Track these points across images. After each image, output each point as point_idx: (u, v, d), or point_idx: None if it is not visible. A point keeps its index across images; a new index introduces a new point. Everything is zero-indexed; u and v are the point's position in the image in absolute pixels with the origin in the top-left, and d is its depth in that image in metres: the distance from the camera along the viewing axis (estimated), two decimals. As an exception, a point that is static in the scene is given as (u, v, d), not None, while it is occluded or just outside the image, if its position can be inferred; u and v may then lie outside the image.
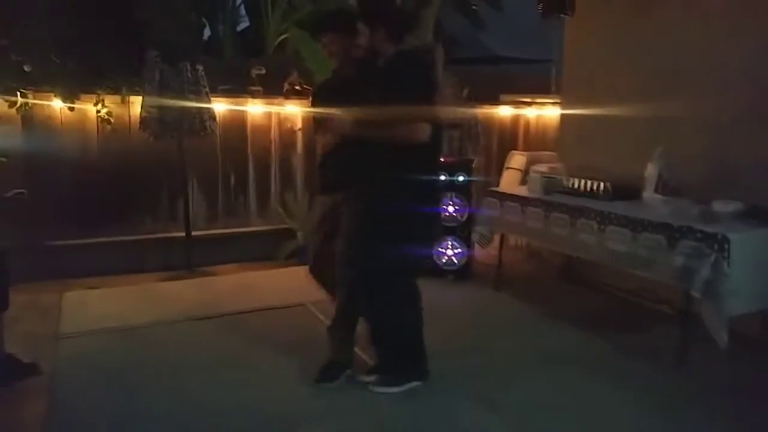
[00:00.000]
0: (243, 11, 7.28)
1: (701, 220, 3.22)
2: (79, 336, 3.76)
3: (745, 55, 3.78)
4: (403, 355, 3.12)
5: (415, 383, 3.08)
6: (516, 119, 7.12)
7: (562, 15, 4.41)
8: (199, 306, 4.34)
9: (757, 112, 3.71)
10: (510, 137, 7.09)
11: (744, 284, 2.97)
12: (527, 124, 7.17)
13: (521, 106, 7.03)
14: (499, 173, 6.46)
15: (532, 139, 7.12)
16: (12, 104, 4.57)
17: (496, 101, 6.92)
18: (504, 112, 7.00)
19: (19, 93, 4.56)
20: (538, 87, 6.79)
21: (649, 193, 3.80)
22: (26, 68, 4.51)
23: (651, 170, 3.83)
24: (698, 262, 3.00)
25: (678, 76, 4.19)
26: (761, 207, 3.32)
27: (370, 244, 2.86)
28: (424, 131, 2.76)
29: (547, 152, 6.07)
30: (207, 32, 7.31)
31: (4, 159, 4.40)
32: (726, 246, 2.92)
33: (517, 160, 6.09)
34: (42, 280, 4.75)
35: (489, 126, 6.87)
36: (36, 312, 4.15)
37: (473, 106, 5.57)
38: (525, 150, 6.78)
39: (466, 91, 5.40)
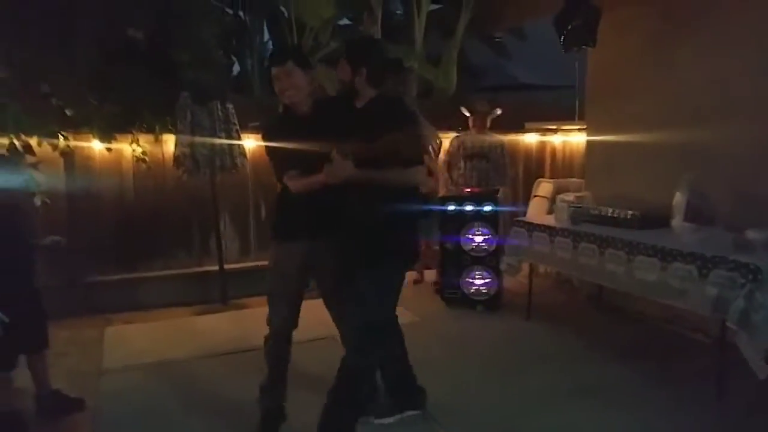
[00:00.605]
0: (271, 47, 7.49)
1: (734, 250, 3.21)
2: (120, 372, 3.87)
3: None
4: (397, 387, 3.16)
5: (411, 412, 3.12)
6: (542, 146, 7.16)
7: (585, 47, 4.43)
8: (233, 340, 4.42)
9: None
10: (536, 165, 7.13)
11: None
12: (553, 150, 7.21)
13: (547, 133, 7.08)
14: (527, 201, 6.50)
15: (559, 166, 7.16)
16: (54, 147, 4.75)
17: (521, 129, 6.98)
18: (529, 139, 7.05)
19: (60, 136, 4.75)
20: (563, 113, 6.84)
21: (678, 222, 3.79)
22: (68, 112, 4.70)
23: (679, 198, 3.82)
24: (732, 293, 2.98)
25: (707, 102, 4.20)
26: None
27: (385, 312, 2.82)
28: (423, 174, 2.80)
29: (574, 179, 6.11)
30: (236, 69, 7.56)
31: (47, 200, 4.58)
32: (760, 276, 2.90)
33: (544, 187, 6.12)
34: (83, 315, 4.91)
35: (515, 154, 6.91)
36: (78, 348, 4.28)
37: (496, 136, 5.58)
38: (552, 177, 6.82)
39: (498, 111, 5.45)
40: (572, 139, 7.03)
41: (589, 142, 5.40)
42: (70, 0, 4.07)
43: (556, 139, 7.11)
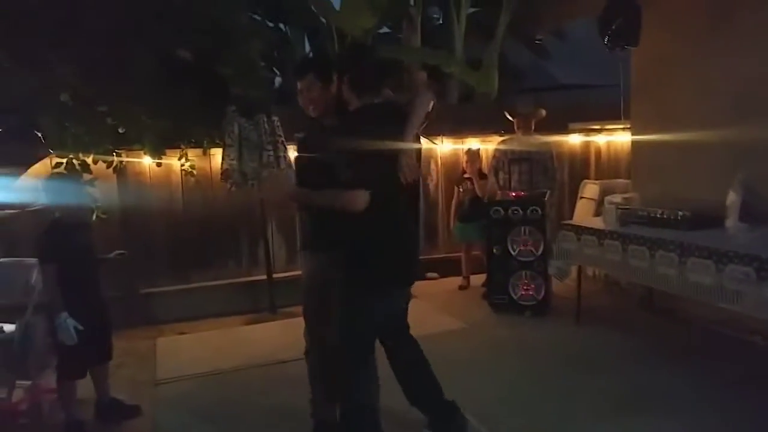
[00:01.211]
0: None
1: (792, 249, 3.10)
2: (175, 381, 3.97)
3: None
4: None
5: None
6: (586, 147, 7.05)
7: (627, 47, 4.36)
8: (282, 348, 4.47)
9: None
10: (581, 166, 7.02)
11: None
12: (598, 151, 7.08)
13: (591, 133, 6.96)
14: (573, 203, 6.42)
15: (604, 167, 7.03)
16: (109, 164, 4.93)
17: (564, 130, 6.88)
18: (574, 140, 6.95)
19: (114, 153, 4.93)
20: (606, 113, 6.72)
21: (732, 222, 3.68)
22: (121, 130, 4.87)
23: (733, 197, 3.72)
24: (790, 295, 2.88)
25: (757, 96, 4.06)
26: None
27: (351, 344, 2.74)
28: (357, 199, 2.51)
29: (620, 180, 6.00)
30: (278, 81, 7.69)
31: (104, 215, 4.75)
32: (820, 277, 2.80)
33: (590, 189, 6.02)
34: (136, 326, 5.06)
35: (559, 155, 6.81)
36: (134, 358, 4.41)
37: (543, 138, 5.53)
38: (597, 178, 6.70)
39: (542, 112, 5.39)
40: (617, 138, 6.89)
41: (634, 142, 5.29)
42: (122, 23, 4.19)
43: (601, 140, 6.99)
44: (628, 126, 5.58)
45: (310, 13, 6.19)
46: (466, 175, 5.76)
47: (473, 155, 5.75)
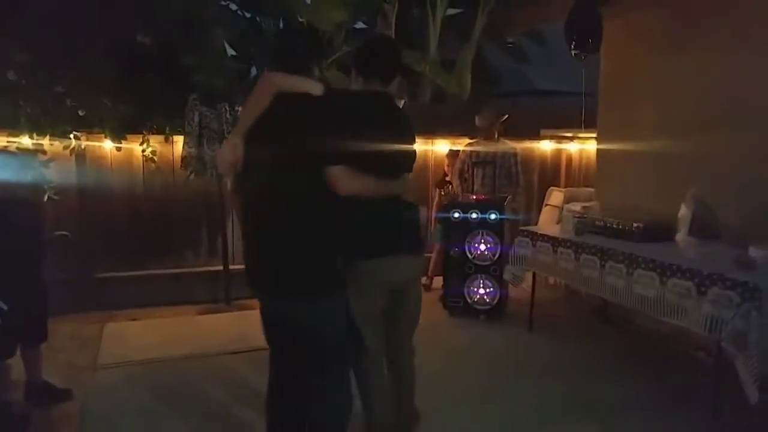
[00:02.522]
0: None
1: (735, 267, 3.10)
2: (115, 367, 3.91)
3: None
4: None
5: None
6: (558, 154, 7.05)
7: (586, 54, 4.35)
8: (232, 340, 4.44)
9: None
10: (552, 173, 7.01)
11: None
12: (569, 158, 7.08)
13: (563, 140, 6.96)
14: (540, 210, 6.41)
15: (575, 175, 7.03)
16: (66, 146, 4.84)
17: (536, 136, 6.87)
18: (545, 146, 6.95)
19: (72, 135, 4.84)
20: (580, 121, 6.72)
21: (682, 236, 3.69)
22: (80, 112, 4.79)
23: (684, 211, 3.72)
24: (728, 312, 2.88)
25: (718, 110, 4.07)
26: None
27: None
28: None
29: (586, 188, 6.00)
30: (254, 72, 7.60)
31: (55, 197, 4.66)
32: (758, 295, 2.80)
33: (556, 196, 6.02)
34: (88, 311, 5.00)
35: (530, 161, 6.82)
36: (77, 342, 4.35)
37: (508, 143, 5.51)
38: (567, 186, 6.70)
39: (504, 117, 5.38)
40: (589, 147, 6.90)
41: (599, 150, 5.30)
42: (80, 5, 4.11)
43: (573, 147, 6.99)
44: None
45: (282, 4, 6.10)
46: (447, 178, 5.73)
47: (454, 157, 5.70)
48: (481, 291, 4.95)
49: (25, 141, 4.63)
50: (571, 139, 6.94)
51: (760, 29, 3.81)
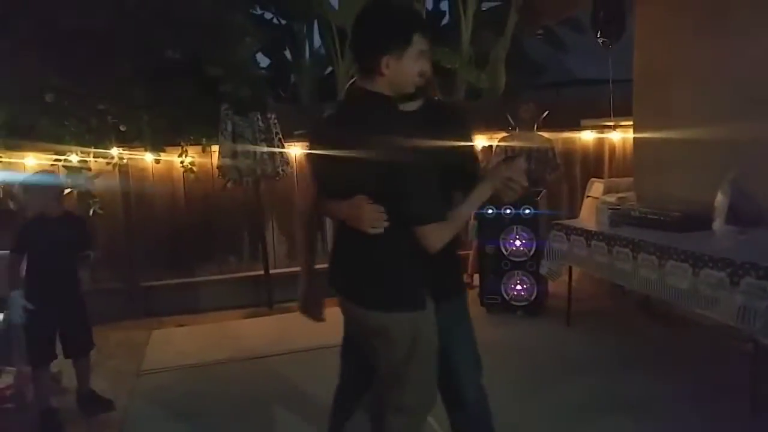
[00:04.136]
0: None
1: (770, 255, 2.96)
2: (158, 372, 4.08)
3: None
4: None
5: None
6: (600, 144, 6.87)
7: (611, 41, 4.22)
8: (273, 343, 4.55)
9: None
10: (594, 164, 6.84)
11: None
12: (612, 148, 6.89)
13: (604, 129, 6.77)
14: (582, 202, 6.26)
15: (619, 164, 6.83)
16: (109, 161, 5.08)
17: (576, 126, 6.72)
18: (586, 137, 6.78)
19: (115, 150, 5.07)
20: (622, 109, 6.52)
21: (718, 224, 3.55)
22: (122, 128, 5.00)
23: (721, 199, 3.58)
24: (760, 302, 2.76)
25: (758, 93, 3.86)
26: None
27: None
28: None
29: (626, 179, 5.81)
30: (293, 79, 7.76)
31: (101, 211, 4.89)
32: (791, 284, 2.67)
33: (597, 188, 5.85)
34: (136, 318, 5.21)
35: (571, 153, 6.69)
36: (125, 349, 4.54)
37: (544, 135, 5.42)
38: (611, 176, 6.52)
39: (545, 114, 5.31)
40: (632, 135, 6.69)
41: (636, 139, 5.14)
42: (107, 23, 4.30)
43: (615, 136, 6.79)
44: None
45: (311, 8, 6.18)
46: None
47: (489, 153, 5.65)
48: (518, 287, 4.89)
49: (71, 158, 4.86)
50: (613, 128, 6.74)
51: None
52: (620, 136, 6.78)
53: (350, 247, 2.09)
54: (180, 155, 5.36)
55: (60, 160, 4.75)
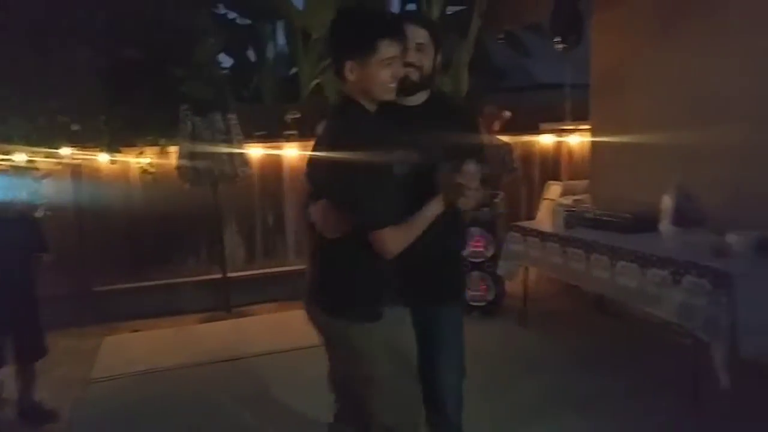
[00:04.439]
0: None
1: (710, 254, 3.04)
2: (107, 380, 3.98)
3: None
4: None
5: None
6: (559, 147, 6.97)
7: (571, 47, 4.31)
8: (229, 347, 4.49)
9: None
10: (553, 166, 6.94)
11: (754, 323, 2.75)
12: (570, 151, 7.00)
13: (563, 133, 6.88)
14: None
15: (577, 167, 6.93)
16: (60, 161, 4.96)
17: (536, 130, 6.81)
18: (546, 140, 6.87)
19: (66, 150, 4.96)
20: (582, 113, 6.63)
21: (664, 226, 3.63)
22: (74, 127, 4.90)
23: (667, 201, 3.66)
24: (700, 300, 2.84)
25: (701, 102, 4.02)
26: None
27: None
28: None
29: (582, 181, 5.91)
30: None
31: (49, 213, 4.76)
32: (727, 281, 2.74)
33: (554, 190, 5.95)
34: (89, 324, 5.08)
35: (530, 156, 6.78)
36: (75, 356, 4.41)
37: (502, 139, 5.48)
38: (570, 179, 6.62)
39: (506, 114, 5.36)
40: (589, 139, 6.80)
41: (592, 143, 5.23)
42: (64, 19, 4.21)
43: (574, 140, 6.90)
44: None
45: (275, 9, 6.14)
46: None
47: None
48: (476, 288, 4.91)
49: (20, 158, 4.74)
50: (571, 131, 6.85)
51: (740, 27, 3.74)
52: (579, 140, 6.89)
53: (318, 252, 2.07)
54: (137, 156, 5.27)
55: (5, 160, 4.62)
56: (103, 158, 5.22)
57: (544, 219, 5.69)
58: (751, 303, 2.74)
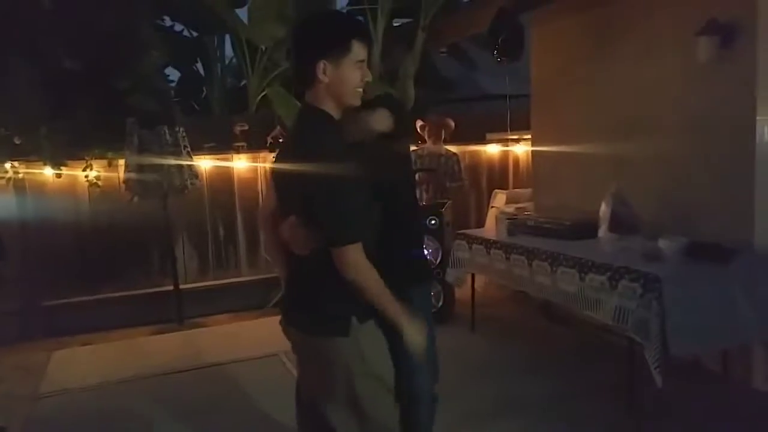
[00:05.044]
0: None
1: (643, 259, 3.24)
2: (57, 395, 3.93)
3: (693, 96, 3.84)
4: None
5: None
6: (505, 156, 7.20)
7: (512, 61, 4.51)
8: (180, 359, 4.49)
9: (703, 150, 3.76)
10: (499, 175, 7.17)
11: (683, 324, 2.94)
12: (516, 160, 7.24)
13: (509, 143, 7.11)
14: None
15: (522, 176, 7.18)
16: (2, 176, 4.86)
17: (482, 140, 7.01)
18: (492, 149, 7.09)
19: (9, 164, 4.86)
20: (527, 123, 6.87)
21: (602, 232, 3.81)
22: (16, 140, 4.81)
23: (604, 208, 3.85)
24: (631, 302, 3.02)
25: (633, 114, 4.26)
26: (707, 243, 3.32)
27: None
28: None
29: (527, 190, 6.14)
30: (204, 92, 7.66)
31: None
32: (658, 285, 2.93)
33: (500, 198, 6.14)
34: (37, 339, 4.99)
35: (477, 165, 6.98)
36: (21, 372, 4.34)
37: (449, 148, 5.64)
38: (516, 187, 6.85)
39: (451, 123, 5.52)
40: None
41: (533, 152, 5.45)
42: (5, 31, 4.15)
43: (519, 149, 7.14)
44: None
45: (221, 22, 6.17)
46: None
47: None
48: (426, 295, 5.03)
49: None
50: (517, 141, 7.09)
51: (664, 44, 3.99)
52: (524, 149, 7.14)
53: (292, 268, 2.03)
54: (84, 169, 5.20)
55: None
56: (48, 172, 5.14)
57: (491, 227, 5.88)
58: (680, 305, 2.93)
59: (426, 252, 2.39)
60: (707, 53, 3.58)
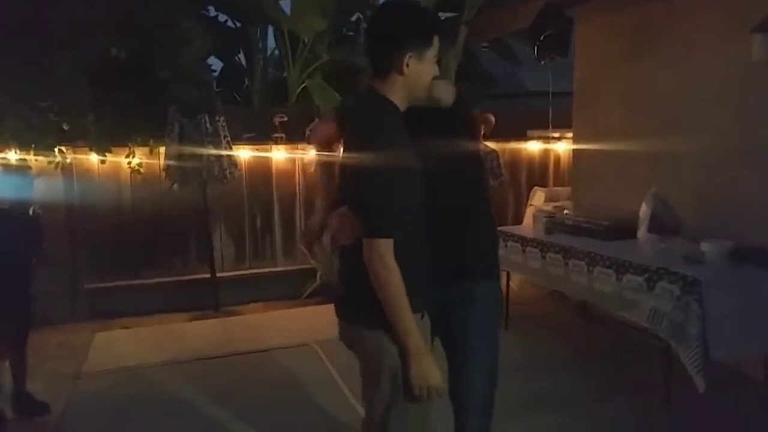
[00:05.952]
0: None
1: (684, 261, 3.15)
2: (97, 375, 4.05)
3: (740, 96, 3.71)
4: None
5: None
6: (545, 154, 7.09)
7: (557, 57, 4.42)
8: (215, 345, 4.58)
9: (751, 150, 3.63)
10: (539, 173, 7.06)
11: (723, 329, 2.87)
12: (557, 158, 7.12)
13: (550, 140, 7.00)
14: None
15: (562, 174, 7.06)
16: (51, 161, 5.02)
17: (523, 137, 6.92)
18: (533, 147, 6.99)
19: (57, 149, 5.02)
20: (570, 121, 6.76)
21: (642, 233, 3.73)
22: (65, 126, 4.96)
23: (644, 209, 3.77)
24: (668, 305, 2.95)
25: (676, 112, 4.16)
26: (753, 248, 3.22)
27: None
28: None
29: (566, 188, 6.04)
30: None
31: (39, 211, 4.82)
32: (698, 288, 2.85)
33: (539, 196, 6.06)
34: (80, 321, 5.16)
35: (517, 162, 6.89)
36: (66, 351, 4.50)
37: (489, 145, 5.58)
38: (556, 185, 6.74)
39: (492, 118, 5.45)
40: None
41: (575, 151, 5.35)
42: (53, 18, 4.28)
43: (560, 147, 7.02)
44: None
45: (265, 13, 6.22)
46: None
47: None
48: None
49: (11, 156, 4.79)
50: (558, 139, 6.97)
51: (711, 42, 3.88)
52: (565, 147, 7.02)
53: (342, 259, 1.97)
54: (127, 156, 5.34)
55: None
56: (93, 158, 5.29)
57: (529, 224, 5.82)
58: (722, 309, 2.85)
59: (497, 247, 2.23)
60: (762, 51, 3.46)
